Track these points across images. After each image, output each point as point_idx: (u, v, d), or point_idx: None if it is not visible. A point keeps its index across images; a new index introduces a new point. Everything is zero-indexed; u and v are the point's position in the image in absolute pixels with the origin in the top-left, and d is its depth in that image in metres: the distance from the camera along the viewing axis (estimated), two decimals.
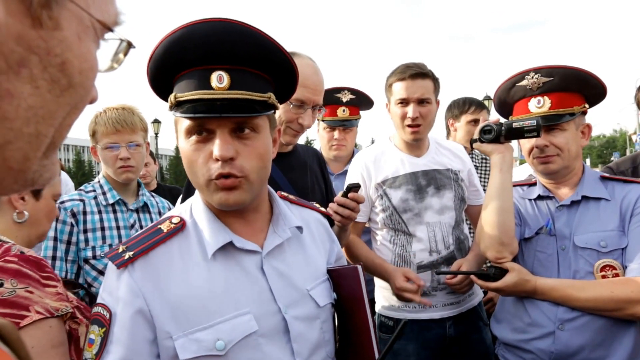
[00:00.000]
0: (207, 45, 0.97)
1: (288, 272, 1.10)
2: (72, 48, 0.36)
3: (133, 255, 0.99)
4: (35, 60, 0.34)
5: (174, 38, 0.99)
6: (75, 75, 0.37)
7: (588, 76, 1.66)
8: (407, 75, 2.04)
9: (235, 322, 0.99)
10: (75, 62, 0.37)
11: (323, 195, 1.90)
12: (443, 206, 2.10)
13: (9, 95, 0.33)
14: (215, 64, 0.99)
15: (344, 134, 2.85)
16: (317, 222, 1.30)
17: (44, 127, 0.37)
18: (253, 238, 1.09)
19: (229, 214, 1.08)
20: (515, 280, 1.61)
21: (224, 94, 0.97)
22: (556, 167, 1.68)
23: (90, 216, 2.01)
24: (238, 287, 1.02)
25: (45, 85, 0.35)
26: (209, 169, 0.99)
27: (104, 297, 1.00)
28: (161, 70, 1.04)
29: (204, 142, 1.00)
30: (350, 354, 1.18)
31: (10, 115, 0.34)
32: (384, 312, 2.16)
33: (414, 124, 2.05)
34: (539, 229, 1.70)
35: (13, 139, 0.35)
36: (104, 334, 0.95)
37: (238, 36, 0.99)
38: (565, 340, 1.56)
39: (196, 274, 1.00)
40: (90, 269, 1.96)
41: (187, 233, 1.06)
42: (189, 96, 0.98)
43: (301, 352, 1.05)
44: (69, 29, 0.36)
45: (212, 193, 1.01)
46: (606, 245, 1.57)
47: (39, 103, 0.35)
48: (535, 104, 1.68)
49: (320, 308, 1.12)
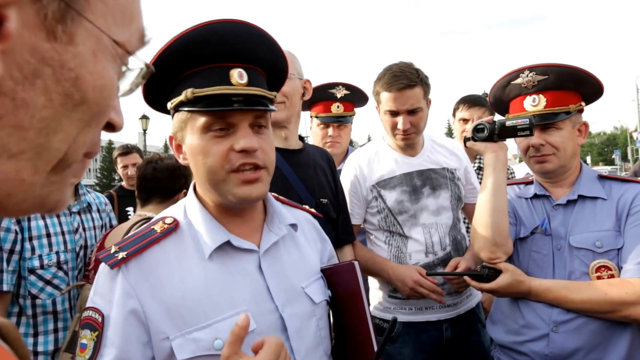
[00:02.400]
0: (228, 43, 1.03)
1: (284, 270, 1.11)
2: (86, 64, 0.37)
3: (127, 256, 0.99)
4: (49, 72, 0.35)
5: (194, 34, 1.03)
6: (88, 92, 0.38)
7: (583, 74, 1.64)
8: (394, 88, 1.96)
9: (234, 321, 0.98)
10: (89, 78, 0.37)
11: (333, 194, 1.88)
12: (439, 207, 2.06)
13: (24, 105, 0.34)
14: (234, 62, 1.03)
15: (338, 130, 2.80)
16: (308, 222, 1.32)
17: (56, 141, 0.37)
18: (249, 237, 1.10)
19: (226, 213, 1.09)
20: (509, 281, 1.59)
21: (245, 90, 1.02)
22: (552, 166, 1.66)
23: (35, 222, 1.91)
24: (235, 287, 1.03)
25: (59, 99, 0.36)
26: (229, 160, 1.01)
27: (95, 300, 0.99)
28: (170, 66, 1.04)
29: (224, 137, 1.02)
30: (347, 350, 1.20)
31: (25, 125, 0.35)
32: (379, 314, 2.14)
33: (405, 134, 2.01)
34: (534, 229, 1.69)
35: (27, 149, 0.36)
36: (97, 337, 0.95)
37: (256, 39, 1.07)
38: (560, 342, 1.54)
39: (192, 274, 1.01)
40: (37, 279, 1.86)
41: (181, 233, 1.06)
42: (210, 91, 1.00)
43: (299, 350, 1.06)
44: (84, 46, 0.37)
45: (233, 187, 1.02)
46: (601, 246, 1.55)
47: (52, 115, 0.36)
48: (531, 102, 1.66)
49: (315, 305, 1.14)
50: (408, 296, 2.00)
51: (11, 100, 0.33)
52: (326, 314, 1.19)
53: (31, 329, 1.88)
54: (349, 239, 1.97)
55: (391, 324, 1.09)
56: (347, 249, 1.97)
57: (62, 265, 1.94)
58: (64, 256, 1.95)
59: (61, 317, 1.93)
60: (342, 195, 1.96)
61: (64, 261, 1.95)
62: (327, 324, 1.19)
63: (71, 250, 2.00)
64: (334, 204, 1.85)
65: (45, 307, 1.89)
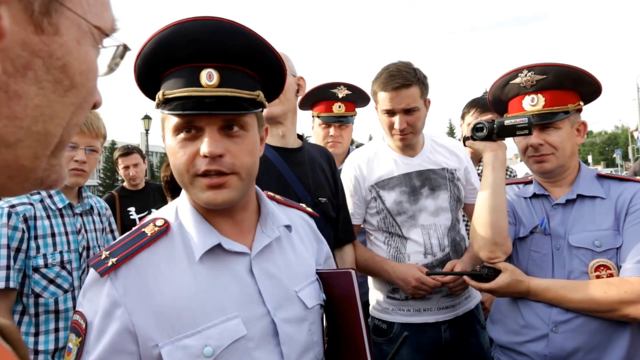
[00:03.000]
0: (197, 42, 0.98)
1: (277, 273, 1.08)
2: (72, 51, 0.40)
3: (117, 262, 0.96)
4: (39, 63, 0.37)
5: (164, 35, 0.99)
6: (76, 77, 0.40)
7: (582, 74, 1.64)
8: (390, 87, 1.96)
9: (223, 327, 0.97)
10: (76, 64, 0.40)
11: (332, 193, 1.87)
12: (438, 207, 2.06)
13: (17, 96, 0.36)
14: (205, 62, 0.99)
15: (339, 130, 2.79)
16: (304, 222, 1.29)
17: (52, 126, 0.40)
18: (241, 239, 1.07)
19: (217, 214, 1.06)
20: (509, 280, 1.59)
21: (213, 92, 0.98)
22: (551, 166, 1.66)
23: (41, 221, 1.92)
24: (225, 291, 1.00)
25: (50, 86, 0.38)
26: (194, 165, 0.99)
27: (83, 305, 0.98)
28: (149, 67, 1.03)
29: (191, 139, 0.99)
30: (340, 355, 1.17)
31: (19, 115, 0.37)
32: (378, 314, 2.14)
33: (402, 134, 2.01)
34: (533, 228, 1.69)
35: (24, 137, 0.38)
36: (80, 343, 0.93)
37: (229, 35, 1.00)
38: (560, 342, 1.54)
39: (182, 279, 0.98)
40: (41, 278, 1.87)
41: (171, 236, 1.04)
42: (177, 93, 0.98)
43: (290, 355, 1.03)
44: (68, 34, 0.39)
45: (198, 192, 1.00)
46: (600, 245, 1.55)
47: (45, 102, 0.38)
48: (529, 102, 1.66)
49: (308, 309, 1.11)
50: (411, 295, 2.00)
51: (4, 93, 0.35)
52: (319, 318, 1.17)
53: (33, 328, 1.89)
54: (349, 238, 1.97)
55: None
56: (348, 248, 1.97)
57: (65, 264, 1.96)
58: (68, 256, 1.97)
59: (63, 317, 1.94)
60: (343, 194, 1.96)
61: (67, 261, 1.97)
62: (319, 328, 1.16)
63: (74, 251, 2.02)
64: (333, 203, 1.84)
65: (47, 306, 1.90)
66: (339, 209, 1.89)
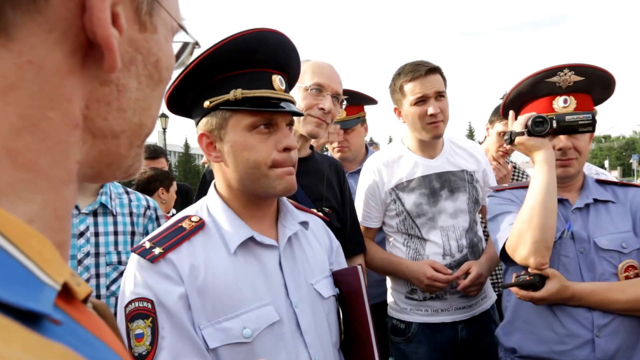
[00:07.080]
0: (275, 52, 1.14)
1: (297, 267, 1.18)
2: (162, 48, 0.43)
3: (164, 250, 1.04)
4: (139, 59, 0.40)
5: (248, 39, 1.11)
6: (163, 72, 0.43)
7: (612, 82, 1.63)
8: (420, 73, 1.98)
9: (259, 312, 1.06)
10: (164, 60, 0.43)
11: (338, 203, 1.85)
12: (457, 209, 2.07)
13: (124, 90, 0.39)
14: (274, 69, 1.16)
15: (345, 135, 2.76)
16: (317, 222, 1.38)
17: (145, 118, 0.43)
18: (266, 234, 1.16)
19: (248, 209, 1.16)
20: (558, 287, 1.50)
21: (284, 95, 1.15)
22: (574, 170, 1.66)
23: None
24: (258, 280, 1.10)
25: (145, 81, 0.41)
26: (272, 156, 1.11)
27: (138, 291, 1.02)
28: (218, 65, 1.11)
29: (267, 134, 1.12)
30: (353, 345, 1.26)
31: (125, 107, 0.40)
32: (396, 314, 2.15)
33: (437, 120, 2.00)
34: (561, 233, 1.65)
35: (126, 128, 0.41)
36: (152, 323, 0.99)
37: (292, 52, 1.21)
38: (604, 346, 1.52)
39: (221, 267, 1.07)
40: None
41: (207, 230, 1.12)
42: (258, 93, 1.10)
43: (312, 344, 1.12)
44: (160, 33, 0.42)
45: (275, 180, 1.12)
46: (627, 246, 1.56)
47: (142, 96, 0.41)
48: (562, 102, 1.60)
49: (324, 300, 1.21)
50: (425, 291, 2.02)
51: (116, 87, 0.39)
52: (334, 309, 1.26)
53: None
54: (358, 249, 1.93)
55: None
56: (358, 259, 1.94)
57: None
58: None
59: None
60: (351, 205, 1.95)
61: None
62: (335, 318, 1.25)
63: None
64: (338, 212, 1.83)
65: None
66: (345, 219, 1.88)
